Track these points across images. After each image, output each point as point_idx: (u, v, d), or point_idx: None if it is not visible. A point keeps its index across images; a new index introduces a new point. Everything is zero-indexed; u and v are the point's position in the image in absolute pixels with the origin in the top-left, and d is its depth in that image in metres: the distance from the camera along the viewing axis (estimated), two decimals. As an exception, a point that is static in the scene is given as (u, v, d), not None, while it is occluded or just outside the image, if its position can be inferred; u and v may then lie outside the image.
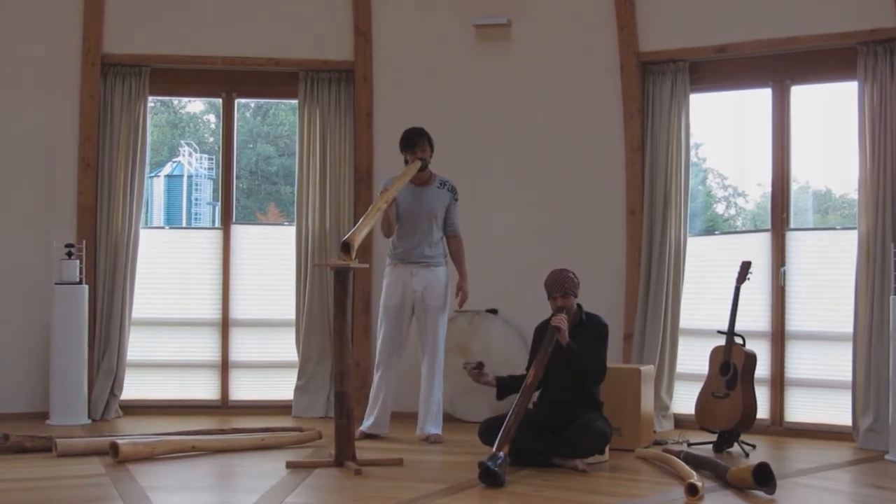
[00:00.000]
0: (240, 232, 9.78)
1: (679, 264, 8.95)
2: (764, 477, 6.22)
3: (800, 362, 8.65)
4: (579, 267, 7.88)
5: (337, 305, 7.19)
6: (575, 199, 9.36)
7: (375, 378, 8.26)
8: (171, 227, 9.91)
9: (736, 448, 7.83)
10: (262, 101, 12.73)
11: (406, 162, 8.13)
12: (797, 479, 6.85)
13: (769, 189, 8.89)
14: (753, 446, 7.85)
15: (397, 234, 8.18)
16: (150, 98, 9.56)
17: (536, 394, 7.37)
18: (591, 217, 9.32)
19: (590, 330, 7.35)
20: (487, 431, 7.04)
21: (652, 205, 9.04)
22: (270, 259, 9.77)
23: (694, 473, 6.40)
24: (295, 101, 9.70)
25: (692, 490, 6.06)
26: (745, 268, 8.13)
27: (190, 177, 15.18)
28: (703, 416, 8.00)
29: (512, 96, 9.52)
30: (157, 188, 14.90)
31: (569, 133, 9.40)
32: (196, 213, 15.38)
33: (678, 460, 6.90)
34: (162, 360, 9.59)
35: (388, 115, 9.43)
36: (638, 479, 6.87)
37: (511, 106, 9.52)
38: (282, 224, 10.44)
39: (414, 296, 8.15)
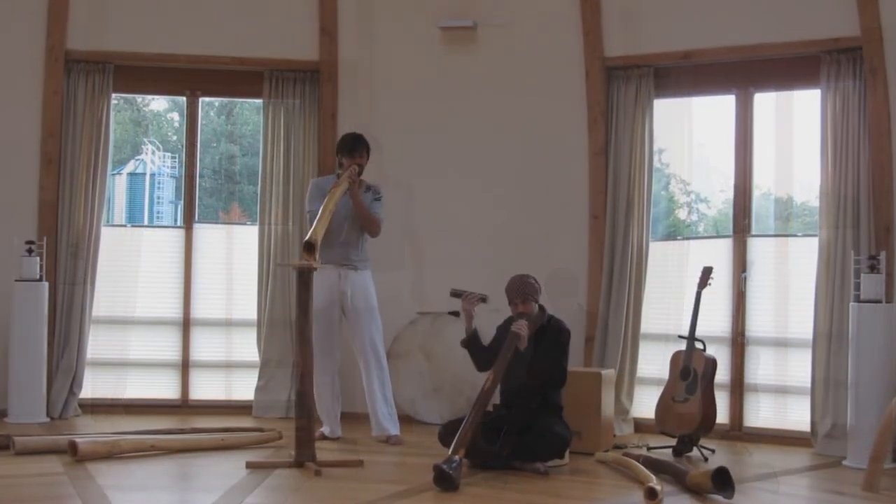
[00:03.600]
0: (202, 231, 9.73)
1: (641, 268, 8.99)
2: (722, 481, 6.27)
3: (759, 367, 8.69)
4: (542, 270, 7.92)
5: (299, 306, 7.19)
6: (538, 203, 9.37)
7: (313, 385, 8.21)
8: (132, 226, 9.85)
9: (695, 452, 7.87)
10: (226, 99, 12.66)
11: (340, 165, 8.12)
12: (756, 483, 6.89)
13: (731, 195, 8.94)
14: (713, 451, 7.89)
15: (325, 237, 8.13)
16: (113, 95, 9.50)
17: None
18: (555, 220, 9.34)
19: (552, 334, 7.37)
20: (447, 434, 7.04)
21: (615, 209, 9.07)
22: (233, 259, 9.72)
23: (653, 477, 6.43)
24: (260, 101, 9.67)
25: (651, 494, 6.09)
26: (707, 273, 8.18)
27: (152, 175, 15.10)
28: (663, 421, 8.03)
29: (477, 99, 9.53)
30: (119, 186, 14.81)
31: (533, 136, 9.41)
32: (158, 212, 15.30)
33: (637, 464, 6.93)
34: (122, 359, 9.53)
35: (353, 116, 9.41)
36: (598, 482, 6.90)
37: (476, 108, 9.52)
38: (244, 224, 10.39)
39: (342, 298, 8.14)
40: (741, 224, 8.81)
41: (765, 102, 8.94)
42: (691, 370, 7.94)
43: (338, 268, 8.10)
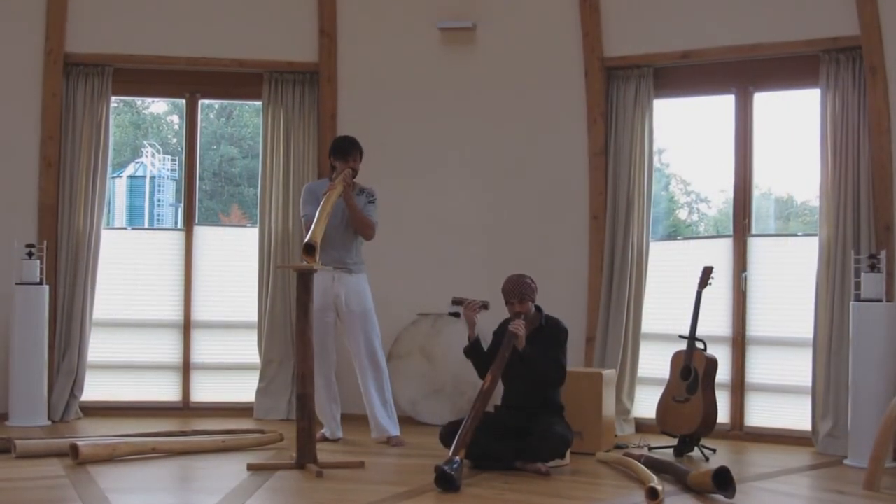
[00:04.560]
0: (202, 233, 9.74)
1: (641, 269, 8.99)
2: (724, 481, 6.26)
3: (760, 367, 8.71)
4: (542, 270, 7.92)
5: (299, 307, 7.20)
6: (538, 203, 9.37)
7: None
8: (133, 228, 9.88)
9: (696, 452, 7.87)
10: (226, 102, 12.66)
11: (333, 168, 8.11)
12: (757, 483, 6.90)
13: (731, 195, 8.94)
14: (714, 450, 7.89)
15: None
16: (112, 98, 9.50)
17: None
18: (555, 220, 9.34)
19: (549, 334, 7.36)
20: (448, 435, 7.04)
21: (615, 209, 9.07)
22: (233, 261, 9.73)
23: (654, 477, 6.43)
24: (259, 103, 9.67)
25: (652, 494, 6.09)
26: (707, 273, 8.18)
27: (152, 178, 15.12)
28: (664, 421, 8.03)
29: (476, 99, 9.53)
30: (119, 189, 14.83)
31: (533, 137, 9.42)
32: (158, 214, 15.32)
33: (639, 464, 6.93)
34: (123, 362, 9.53)
35: (353, 117, 9.41)
36: (599, 482, 6.89)
37: (475, 109, 9.53)
38: (244, 226, 10.39)
39: (336, 301, 8.14)
40: (741, 224, 8.81)
41: (764, 102, 8.93)
42: (692, 370, 7.94)
43: (332, 271, 8.09)
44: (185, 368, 9.61)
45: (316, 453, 7.03)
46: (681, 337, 8.09)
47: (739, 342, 8.75)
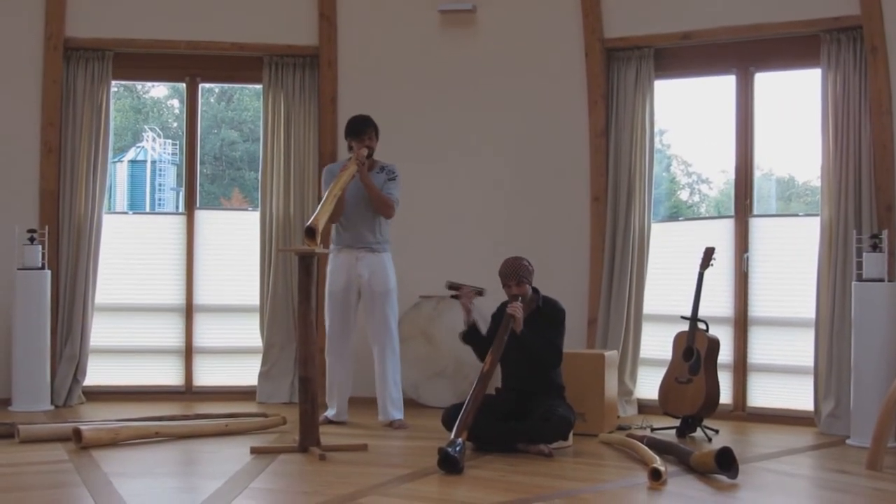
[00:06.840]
0: (204, 217, 9.73)
1: (643, 250, 8.98)
2: (726, 462, 6.27)
3: (762, 348, 8.71)
4: (543, 252, 7.93)
5: (301, 291, 7.19)
6: (539, 185, 9.37)
7: (327, 367, 8.25)
8: (134, 213, 9.90)
9: (699, 433, 7.88)
10: (226, 85, 12.65)
11: (350, 148, 8.09)
12: (759, 463, 6.90)
13: (733, 176, 8.93)
14: (716, 431, 7.90)
15: (341, 220, 8.15)
16: (113, 82, 9.49)
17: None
18: (556, 202, 9.33)
19: (547, 315, 7.36)
20: (450, 418, 7.04)
21: (616, 191, 9.06)
22: (234, 245, 9.73)
23: (657, 458, 6.43)
24: (259, 86, 9.66)
25: (655, 475, 6.09)
26: (709, 254, 8.17)
27: (153, 162, 15.14)
28: (667, 402, 8.04)
29: (477, 82, 9.52)
30: (120, 173, 14.84)
31: (533, 119, 9.40)
32: (160, 199, 15.33)
33: (642, 445, 6.93)
34: (125, 346, 9.54)
35: (353, 101, 9.39)
36: (602, 463, 6.89)
37: (476, 91, 9.52)
38: (246, 209, 10.39)
39: (359, 280, 8.13)
40: (743, 204, 8.80)
41: (765, 82, 8.92)
42: (694, 351, 7.94)
43: (354, 251, 8.09)
44: (188, 352, 9.63)
45: (319, 436, 7.03)
46: (683, 318, 8.09)
47: (741, 323, 8.76)
